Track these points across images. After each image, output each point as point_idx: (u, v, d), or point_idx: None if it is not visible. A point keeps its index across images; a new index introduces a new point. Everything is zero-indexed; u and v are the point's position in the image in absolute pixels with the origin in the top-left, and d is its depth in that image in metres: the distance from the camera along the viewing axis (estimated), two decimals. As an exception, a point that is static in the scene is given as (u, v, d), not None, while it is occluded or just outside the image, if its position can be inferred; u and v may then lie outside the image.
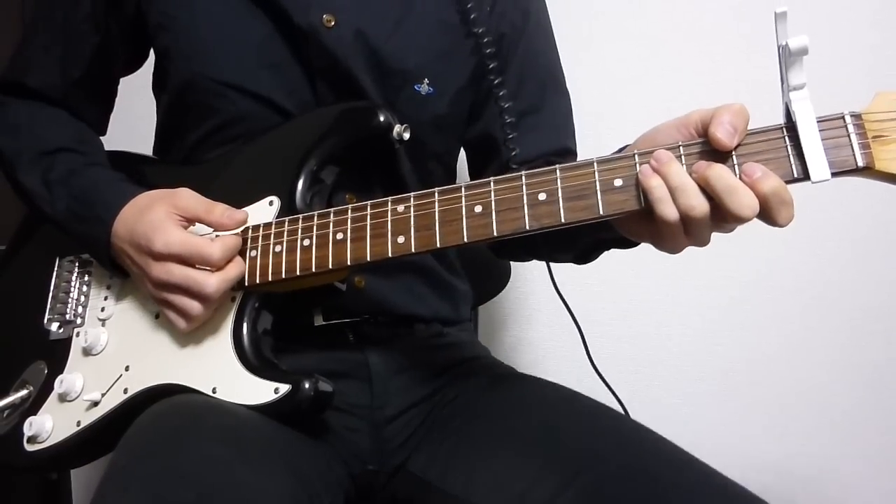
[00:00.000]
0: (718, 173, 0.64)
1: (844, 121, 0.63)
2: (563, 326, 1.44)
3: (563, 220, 0.70)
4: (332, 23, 0.88)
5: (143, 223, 0.82)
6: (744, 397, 1.49)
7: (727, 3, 1.47)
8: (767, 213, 0.65)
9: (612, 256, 0.91)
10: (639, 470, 0.72)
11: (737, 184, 0.64)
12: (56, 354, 0.90)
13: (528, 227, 0.71)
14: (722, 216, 0.66)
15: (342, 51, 0.88)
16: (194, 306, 0.80)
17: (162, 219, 0.81)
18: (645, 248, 0.85)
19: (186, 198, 0.84)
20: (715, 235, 0.70)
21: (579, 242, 0.90)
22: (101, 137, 1.02)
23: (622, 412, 0.89)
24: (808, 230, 1.45)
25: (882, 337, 1.45)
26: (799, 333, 1.47)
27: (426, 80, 0.92)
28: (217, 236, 0.83)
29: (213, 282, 0.79)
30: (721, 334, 1.50)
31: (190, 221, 0.83)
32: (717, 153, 0.66)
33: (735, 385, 1.49)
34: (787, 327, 1.48)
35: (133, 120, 1.11)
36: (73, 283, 0.94)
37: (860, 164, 0.62)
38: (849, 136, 0.62)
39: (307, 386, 0.76)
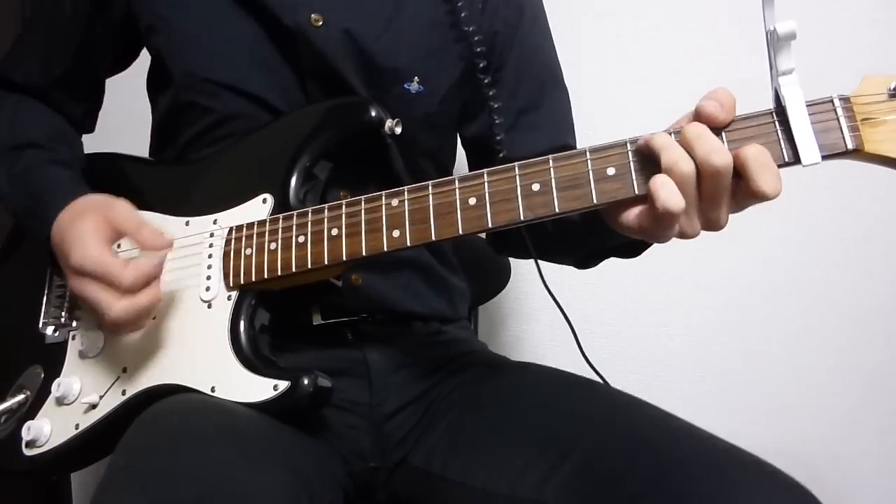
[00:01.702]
0: (688, 126, 0.66)
1: (833, 104, 0.64)
2: (563, 325, 1.45)
3: (557, 210, 0.70)
4: (321, 22, 0.89)
5: (70, 232, 0.83)
6: (744, 397, 1.50)
7: (728, 2, 1.49)
8: (749, 180, 0.64)
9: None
10: (635, 439, 0.74)
11: (706, 134, 0.65)
12: (52, 358, 0.91)
13: (522, 218, 0.71)
14: (700, 173, 0.65)
15: (330, 50, 0.90)
16: (103, 324, 0.82)
17: (87, 231, 0.81)
18: (646, 248, 0.86)
19: (119, 211, 0.84)
20: (714, 235, 0.70)
21: (579, 248, 0.92)
22: (102, 138, 1.05)
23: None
24: (808, 230, 1.47)
25: (882, 337, 1.47)
26: (799, 333, 1.49)
27: (416, 79, 0.93)
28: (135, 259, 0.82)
29: (117, 307, 0.79)
30: (721, 334, 1.51)
31: (119, 236, 0.84)
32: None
33: (735, 385, 1.50)
34: (787, 327, 1.49)
35: (131, 120, 1.13)
36: (67, 287, 0.93)
37: (850, 146, 0.63)
38: (838, 119, 0.63)
39: (306, 382, 0.76)
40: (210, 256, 0.85)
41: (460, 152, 1.09)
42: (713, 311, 1.51)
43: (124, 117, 1.11)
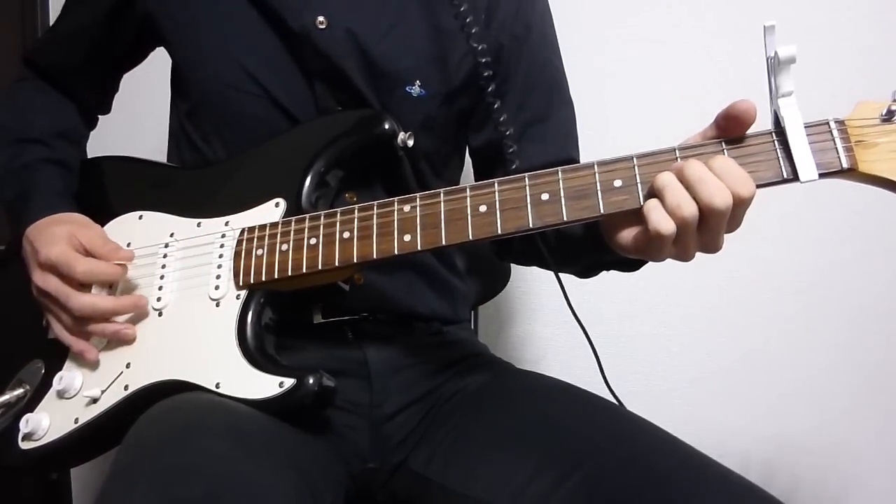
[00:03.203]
0: (693, 169, 0.72)
1: (829, 126, 0.71)
2: (563, 325, 1.48)
3: (565, 219, 0.76)
4: (325, 25, 0.95)
5: (43, 234, 0.94)
6: (744, 397, 1.54)
7: (729, 6, 1.54)
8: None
9: (612, 256, 0.98)
10: (637, 460, 0.78)
11: (707, 174, 0.71)
12: (54, 353, 0.94)
13: (531, 226, 0.77)
14: (701, 213, 0.72)
15: (335, 52, 0.95)
16: (63, 318, 0.92)
17: (59, 236, 0.92)
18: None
19: (92, 229, 0.95)
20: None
21: (580, 260, 0.97)
22: (103, 140, 1.12)
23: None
24: (808, 230, 1.52)
25: (882, 336, 1.52)
26: (799, 333, 1.53)
27: (418, 83, 0.98)
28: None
29: (77, 300, 0.90)
30: (721, 334, 1.55)
31: (84, 251, 0.93)
32: (710, 155, 0.74)
33: (735, 385, 1.55)
34: (788, 327, 1.54)
35: (143, 123, 1.19)
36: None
37: (845, 165, 0.70)
38: (833, 140, 0.70)
39: (311, 381, 0.81)
40: (221, 256, 0.91)
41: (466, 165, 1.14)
42: (713, 311, 1.55)
43: (127, 118, 1.17)
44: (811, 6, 1.51)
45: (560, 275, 0.98)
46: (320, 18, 0.95)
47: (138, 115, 1.17)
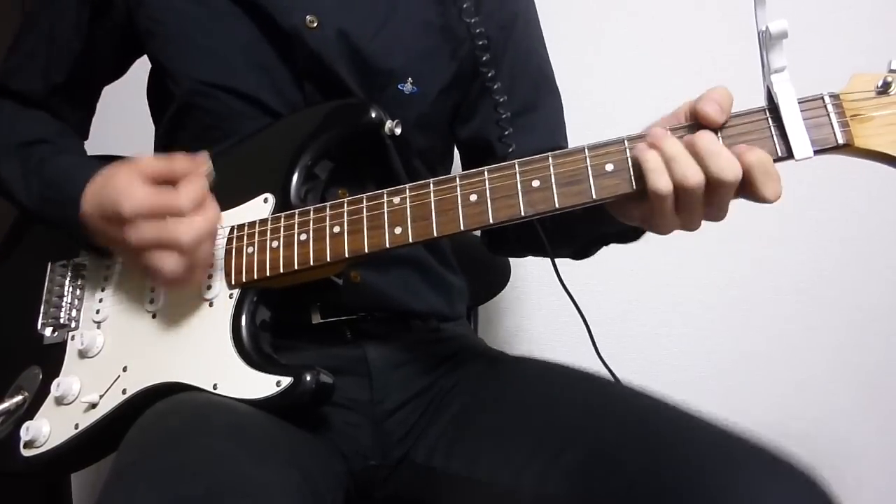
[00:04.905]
0: (703, 137, 0.68)
1: (824, 101, 0.67)
2: (563, 325, 1.46)
3: (557, 206, 0.73)
4: (315, 24, 0.92)
5: (108, 191, 0.82)
6: (743, 397, 1.52)
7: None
8: (753, 186, 0.68)
9: (613, 256, 0.95)
10: (638, 426, 0.76)
11: (720, 148, 0.68)
12: (51, 359, 0.92)
13: (523, 214, 0.74)
14: (709, 185, 0.68)
15: (325, 51, 0.92)
16: (172, 261, 0.79)
17: (126, 182, 0.81)
18: (645, 248, 0.87)
19: (148, 158, 0.83)
20: (715, 232, 0.74)
21: (578, 237, 0.94)
22: (101, 141, 1.07)
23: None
24: (808, 230, 1.50)
25: (881, 336, 1.50)
26: (799, 333, 1.51)
27: (410, 80, 0.96)
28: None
29: (184, 229, 0.79)
30: (721, 334, 1.53)
31: (155, 181, 0.82)
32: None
33: (735, 385, 1.52)
34: (787, 327, 1.51)
35: (130, 123, 1.16)
36: (66, 287, 0.96)
37: (840, 141, 0.66)
38: (828, 115, 0.67)
39: (308, 378, 0.78)
40: (212, 255, 0.87)
41: (456, 159, 1.11)
42: (713, 310, 1.53)
43: (123, 120, 1.14)
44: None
45: (559, 272, 0.96)
46: (310, 17, 0.92)
47: (134, 115, 1.13)
